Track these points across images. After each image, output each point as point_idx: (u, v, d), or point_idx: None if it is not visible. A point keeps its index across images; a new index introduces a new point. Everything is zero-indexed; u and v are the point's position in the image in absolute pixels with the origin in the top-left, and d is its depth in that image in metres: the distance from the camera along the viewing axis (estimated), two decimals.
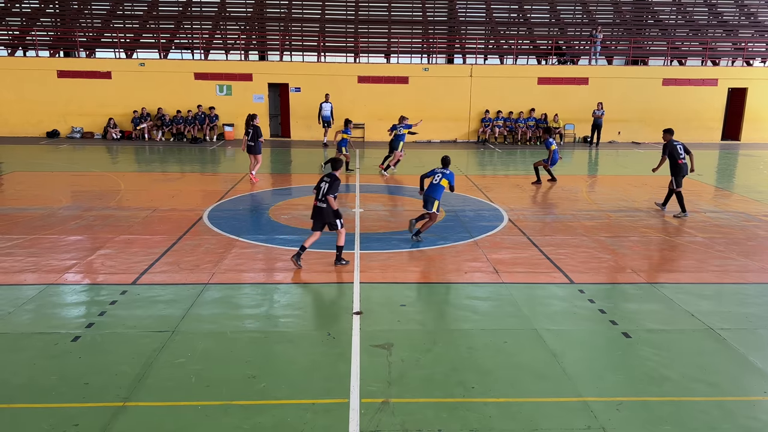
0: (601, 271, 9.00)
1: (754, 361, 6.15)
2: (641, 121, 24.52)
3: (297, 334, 6.69)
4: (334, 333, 6.67)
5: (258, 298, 7.73)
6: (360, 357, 6.09)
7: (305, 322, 7.08)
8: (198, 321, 6.96)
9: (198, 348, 6.29)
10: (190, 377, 5.69)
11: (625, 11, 28.61)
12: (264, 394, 5.45)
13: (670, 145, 12.31)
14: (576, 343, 6.61)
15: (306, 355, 6.20)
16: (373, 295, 7.81)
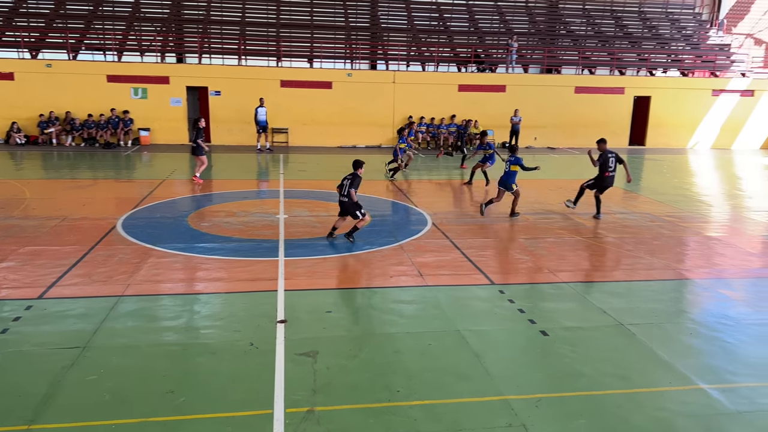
0: (520, 271, 9.29)
1: (661, 354, 6.53)
2: (556, 127, 25.60)
3: (218, 346, 6.49)
4: (257, 343, 6.52)
5: (177, 309, 7.44)
6: (284, 366, 5.99)
7: (227, 332, 6.89)
8: (112, 335, 6.62)
9: (112, 364, 5.98)
10: (103, 395, 5.40)
11: (539, 21, 29.84)
12: (183, 409, 5.25)
13: (604, 156, 12.57)
14: (497, 343, 6.79)
15: (228, 367, 6.02)
16: (298, 302, 7.71)
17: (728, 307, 7.97)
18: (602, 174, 12.61)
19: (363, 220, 10.41)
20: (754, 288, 8.79)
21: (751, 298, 8.34)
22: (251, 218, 11.99)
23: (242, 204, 13.37)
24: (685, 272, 9.45)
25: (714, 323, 7.39)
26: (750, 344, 6.83)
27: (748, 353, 6.60)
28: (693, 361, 6.43)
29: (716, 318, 7.57)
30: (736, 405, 5.51)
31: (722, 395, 5.67)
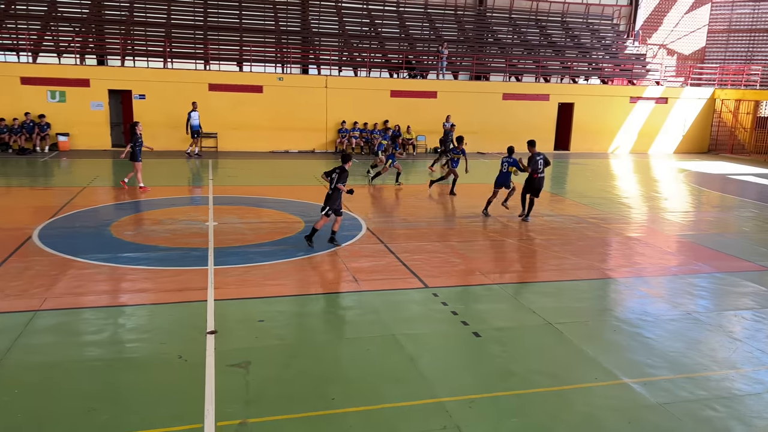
0: (453, 274, 9.43)
1: (586, 351, 6.77)
2: (485, 132, 26.22)
3: (144, 360, 6.22)
4: (186, 355, 6.29)
5: (99, 323, 7.09)
6: (215, 378, 5.81)
7: (154, 345, 6.61)
8: (27, 352, 6.22)
9: (27, 382, 5.62)
10: (17, 416, 5.05)
11: (468, 29, 30.53)
12: (106, 427, 4.99)
13: (533, 158, 12.92)
14: (432, 346, 6.85)
15: (155, 382, 5.78)
16: (229, 312, 7.51)
17: (648, 304, 8.37)
18: (531, 176, 12.95)
19: (323, 221, 10.45)
20: (671, 285, 9.28)
21: (668, 295, 8.80)
22: (179, 226, 11.61)
23: (169, 211, 12.93)
24: (608, 272, 9.86)
25: (635, 320, 7.75)
26: (668, 339, 7.20)
27: (666, 348, 6.95)
28: (616, 356, 6.70)
29: (637, 315, 7.94)
30: (656, 397, 5.77)
31: (644, 389, 5.94)
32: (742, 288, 9.13)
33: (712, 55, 34.90)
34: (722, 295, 8.93)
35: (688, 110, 28.61)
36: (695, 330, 7.48)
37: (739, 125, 29.04)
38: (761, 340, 7.21)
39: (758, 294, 8.84)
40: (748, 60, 33.69)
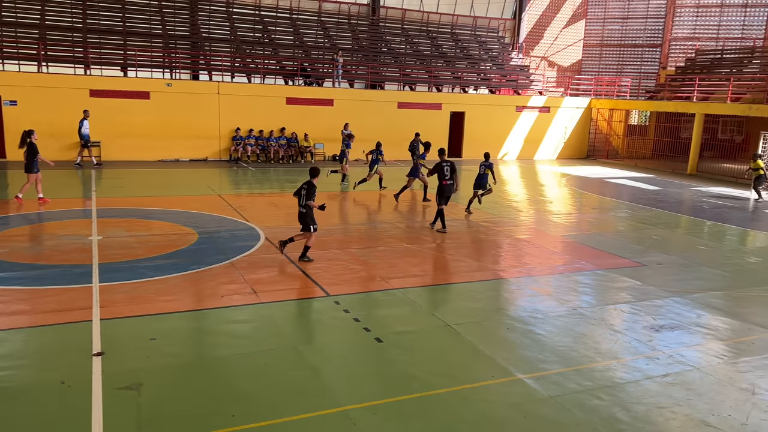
0: (354, 281, 9.45)
1: (483, 350, 7.02)
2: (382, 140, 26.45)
3: (20, 389, 5.69)
4: (69, 381, 5.83)
5: None
6: (102, 403, 5.42)
7: (32, 372, 6.07)
8: None
9: None
10: None
11: (362, 38, 30.88)
12: None
13: (438, 166, 12.91)
14: (334, 355, 6.81)
15: (34, 412, 5.30)
16: (117, 331, 7.05)
17: (538, 302, 8.82)
18: (440, 183, 12.92)
19: (312, 236, 10.22)
20: (558, 283, 9.85)
21: (555, 293, 9.32)
22: (59, 241, 10.78)
23: (48, 226, 11.98)
24: (500, 272, 10.29)
25: (527, 318, 8.13)
26: (557, 334, 7.62)
27: (555, 343, 7.35)
28: (511, 354, 7.00)
29: (528, 313, 8.34)
30: (548, 391, 6.08)
31: (536, 383, 6.24)
32: (620, 283, 9.86)
33: (588, 67, 37.60)
34: (603, 291, 9.60)
35: (568, 119, 30.60)
36: (581, 324, 7.97)
37: (613, 132, 31.47)
38: (638, 331, 7.81)
39: (634, 288, 9.59)
40: (619, 72, 36.64)
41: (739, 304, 9.15)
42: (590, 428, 5.43)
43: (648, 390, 6.18)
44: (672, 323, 8.10)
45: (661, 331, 7.78)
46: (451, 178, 12.88)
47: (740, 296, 9.45)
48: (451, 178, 12.90)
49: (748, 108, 23.92)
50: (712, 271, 10.74)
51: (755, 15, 32.90)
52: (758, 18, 32.82)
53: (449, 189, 12.90)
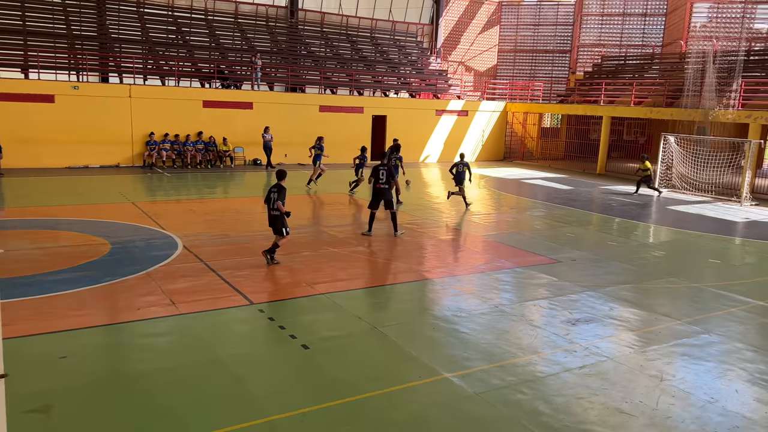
0: (279, 288, 9.29)
1: (409, 351, 7.08)
2: (305, 144, 26.17)
3: None
4: None
5: None
6: (8, 429, 5.02)
7: None
8: None
9: None
10: None
11: (281, 41, 30.51)
12: None
13: (374, 169, 12.83)
14: (259, 364, 6.66)
15: None
16: (23, 351, 6.58)
17: (461, 301, 9.00)
18: (374, 186, 12.85)
19: (285, 238, 10.33)
20: (480, 282, 10.09)
21: (478, 291, 9.55)
22: None
23: None
24: (425, 273, 10.43)
25: (451, 317, 8.28)
26: (480, 332, 7.80)
27: (479, 340, 7.52)
28: (437, 353, 7.10)
29: (453, 312, 8.49)
30: (473, 388, 6.21)
31: (462, 381, 6.36)
32: (538, 280, 10.23)
33: (503, 72, 38.91)
34: (522, 288, 9.92)
35: (485, 122, 31.52)
36: (503, 321, 8.20)
37: (528, 135, 32.72)
38: (556, 325, 8.13)
39: (551, 284, 9.98)
40: (532, 77, 38.16)
41: (647, 295, 9.72)
42: (514, 422, 5.58)
43: (567, 382, 6.43)
44: (587, 316, 8.48)
45: (577, 325, 8.13)
46: (385, 182, 12.78)
47: (647, 288, 10.04)
48: (387, 182, 12.79)
49: (650, 111, 25.53)
50: (621, 265, 11.35)
51: (653, 24, 35.21)
52: (656, 26, 35.15)
53: (381, 193, 12.77)
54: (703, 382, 6.53)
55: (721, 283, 10.37)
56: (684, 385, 6.43)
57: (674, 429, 5.54)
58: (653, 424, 5.60)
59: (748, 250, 13.49)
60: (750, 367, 6.98)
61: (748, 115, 21.88)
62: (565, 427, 5.52)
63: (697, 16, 32.18)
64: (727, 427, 5.59)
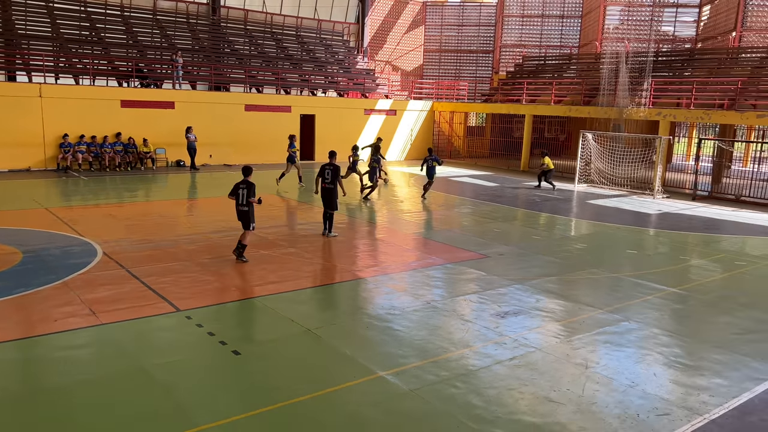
0: (207, 293, 9.01)
1: (344, 352, 7.04)
2: (230, 144, 25.77)
3: None
4: None
5: None
6: None
7: None
8: None
9: None
10: None
11: (203, 38, 29.67)
12: None
13: (321, 168, 12.77)
14: (188, 373, 6.43)
15: None
16: None
17: (394, 299, 9.04)
18: (322, 186, 12.79)
19: (250, 233, 10.63)
20: (412, 279, 10.18)
21: (410, 288, 9.62)
22: None
23: None
24: (358, 272, 10.41)
25: (384, 315, 8.30)
26: (414, 329, 7.86)
27: (413, 337, 7.58)
28: (371, 352, 7.10)
29: (386, 310, 8.52)
30: (408, 385, 6.24)
31: (397, 378, 6.38)
32: (468, 275, 10.43)
33: (429, 71, 39.48)
34: (453, 283, 10.09)
35: (413, 121, 31.87)
36: (435, 317, 8.30)
37: (455, 134, 33.36)
38: (486, 318, 8.31)
39: (480, 279, 10.20)
40: (457, 76, 38.93)
41: (570, 287, 10.11)
42: (449, 417, 5.65)
43: (498, 374, 6.58)
44: (515, 309, 8.72)
45: (506, 318, 8.34)
46: (331, 182, 12.68)
47: (570, 280, 10.45)
48: (332, 181, 12.69)
49: (569, 109, 26.60)
50: (546, 258, 11.75)
51: (570, 25, 36.72)
52: (573, 28, 36.68)
53: (327, 192, 12.71)
54: (624, 368, 6.85)
55: (637, 272, 10.92)
56: (607, 372, 6.72)
57: (599, 414, 5.78)
58: (580, 411, 5.82)
59: (661, 240, 14.29)
60: (666, 351, 7.39)
61: (658, 112, 23.21)
62: (498, 418, 5.64)
63: (610, 19, 33.81)
64: (647, 409, 5.89)
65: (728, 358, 7.19)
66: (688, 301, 9.39)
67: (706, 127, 27.82)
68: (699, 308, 9.14)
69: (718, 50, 28.75)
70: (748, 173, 23.59)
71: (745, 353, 7.34)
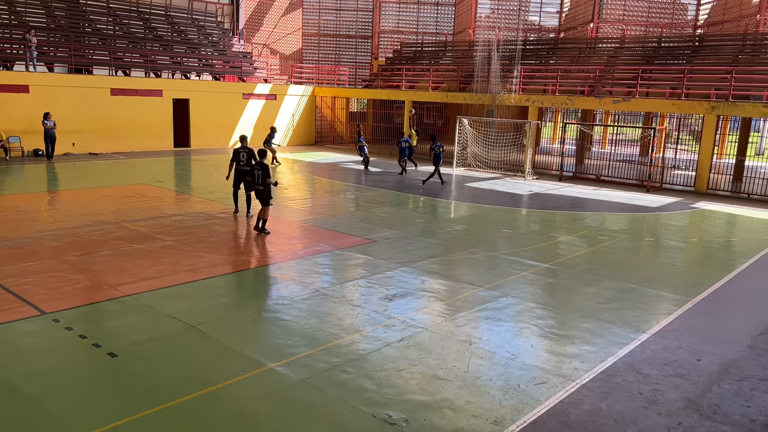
0: (76, 293, 8.34)
1: (231, 346, 6.82)
2: (95, 131, 23.93)
3: None
4: None
5: None
6: None
7: None
8: None
9: None
10: None
11: (60, 17, 27.18)
12: None
13: (235, 151, 13.36)
14: (59, 381, 5.92)
15: None
16: None
17: (282, 288, 8.90)
18: (236, 168, 13.34)
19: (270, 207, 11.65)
20: (299, 267, 10.06)
21: (298, 277, 9.51)
22: None
23: None
24: (243, 264, 10.12)
25: (273, 305, 8.15)
26: (303, 317, 7.79)
27: (302, 326, 7.50)
28: (260, 344, 6.94)
29: (274, 300, 8.36)
30: (299, 375, 6.18)
31: (287, 369, 6.29)
32: (355, 260, 10.50)
33: (308, 55, 38.96)
34: (341, 269, 10.11)
35: (294, 106, 31.39)
36: (324, 305, 8.28)
37: (337, 119, 33.30)
38: (374, 302, 8.42)
39: (368, 264, 10.30)
40: (337, 61, 38.79)
41: (452, 267, 10.50)
42: (341, 402, 5.67)
43: (388, 356, 6.70)
44: (402, 291, 8.91)
45: (393, 300, 8.50)
46: (246, 164, 13.13)
47: (452, 260, 10.85)
48: (247, 163, 13.12)
49: (446, 95, 27.48)
50: (429, 240, 12.11)
51: (445, 13, 37.81)
52: (447, 15, 37.80)
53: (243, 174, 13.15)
54: (504, 341, 7.24)
55: (512, 250, 11.57)
56: (489, 346, 7.07)
57: (484, 387, 6.07)
58: (466, 386, 6.08)
59: (533, 219, 15.24)
60: (541, 323, 7.90)
61: (527, 98, 24.62)
62: (389, 400, 5.75)
63: (481, 7, 35.19)
64: (527, 379, 6.27)
65: (595, 326, 7.83)
66: (558, 275, 10.10)
67: (569, 112, 29.95)
68: (568, 281, 9.86)
69: (579, 40, 30.97)
70: (607, 155, 25.77)
71: (609, 321, 8.04)
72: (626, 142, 29.90)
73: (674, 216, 16.08)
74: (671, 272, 10.60)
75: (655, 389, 6.15)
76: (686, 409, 5.78)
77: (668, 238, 13.45)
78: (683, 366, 6.72)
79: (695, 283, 9.98)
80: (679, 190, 20.53)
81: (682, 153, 26.59)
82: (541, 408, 5.69)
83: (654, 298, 9.10)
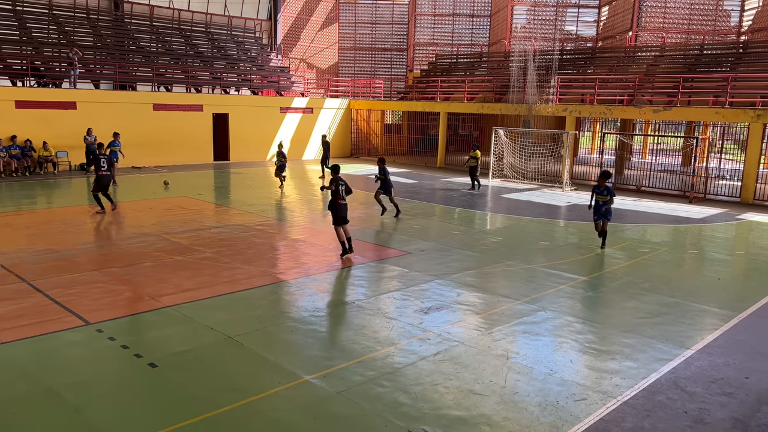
0: (119, 304, 8.55)
1: (268, 358, 6.88)
2: (139, 145, 24.60)
3: None
4: None
5: None
6: None
7: None
8: None
9: None
10: None
11: (106, 35, 28.16)
12: None
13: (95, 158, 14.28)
14: (101, 390, 6.06)
15: None
16: None
17: (318, 300, 8.95)
18: (96, 173, 14.31)
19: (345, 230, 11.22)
20: (335, 279, 10.11)
21: (334, 289, 9.55)
22: None
23: None
24: (279, 275, 10.22)
25: (309, 317, 8.19)
26: (339, 330, 7.81)
27: (338, 338, 7.53)
28: (296, 356, 6.98)
29: (310, 312, 8.41)
30: (334, 387, 6.19)
31: (323, 382, 6.31)
32: (391, 272, 10.49)
33: (344, 69, 39.39)
34: (377, 281, 10.11)
35: (331, 119, 31.71)
36: (360, 317, 8.28)
37: (372, 131, 33.49)
38: (409, 315, 8.38)
39: (403, 276, 10.28)
40: (373, 74, 39.08)
41: (488, 279, 10.39)
42: (375, 416, 5.65)
43: (423, 370, 6.65)
44: (437, 304, 8.85)
45: (429, 313, 8.45)
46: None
47: (488, 272, 10.74)
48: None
49: (481, 106, 27.36)
50: (464, 252, 12.02)
51: (480, 24, 37.75)
52: (483, 27, 37.73)
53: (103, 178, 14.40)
54: (542, 356, 7.11)
55: (550, 262, 11.39)
56: (526, 361, 6.95)
57: (521, 403, 5.96)
58: (503, 401, 5.98)
59: (571, 231, 14.99)
60: (580, 338, 7.74)
61: (565, 108, 24.31)
62: (424, 415, 5.70)
63: (517, 18, 35.01)
64: (566, 395, 6.14)
65: (636, 341, 7.63)
66: (598, 289, 9.89)
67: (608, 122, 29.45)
68: (608, 295, 9.65)
69: (617, 49, 30.48)
70: (647, 164, 25.20)
71: (651, 336, 7.82)
72: (667, 151, 29.21)
73: (719, 227, 15.60)
74: (716, 286, 10.27)
75: (701, 408, 5.95)
76: (734, 429, 5.57)
77: (713, 251, 13.04)
78: (730, 384, 6.48)
79: (742, 297, 9.64)
80: (724, 200, 19.92)
81: (727, 162, 25.81)
82: (581, 425, 5.55)
83: (698, 312, 8.82)
